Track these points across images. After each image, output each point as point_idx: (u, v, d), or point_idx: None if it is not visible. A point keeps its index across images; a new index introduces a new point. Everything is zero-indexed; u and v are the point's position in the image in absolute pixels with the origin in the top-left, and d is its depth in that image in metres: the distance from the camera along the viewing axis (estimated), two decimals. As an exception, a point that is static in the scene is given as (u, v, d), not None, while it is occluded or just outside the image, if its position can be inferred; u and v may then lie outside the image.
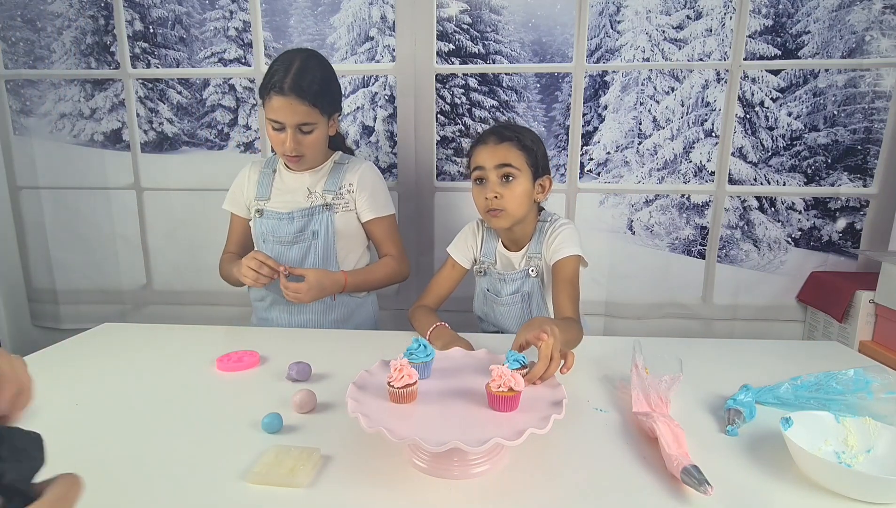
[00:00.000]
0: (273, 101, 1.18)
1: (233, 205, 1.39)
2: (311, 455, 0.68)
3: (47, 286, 1.98)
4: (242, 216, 1.38)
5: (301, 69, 1.19)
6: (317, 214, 1.29)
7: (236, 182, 1.38)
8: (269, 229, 1.31)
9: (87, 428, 0.79)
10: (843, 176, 1.69)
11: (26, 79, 1.83)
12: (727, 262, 1.79)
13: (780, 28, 1.63)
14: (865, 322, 1.54)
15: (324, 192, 1.30)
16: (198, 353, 1.08)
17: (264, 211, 1.31)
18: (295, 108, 1.18)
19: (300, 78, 1.18)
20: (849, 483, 0.61)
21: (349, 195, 1.32)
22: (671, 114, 1.72)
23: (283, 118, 1.19)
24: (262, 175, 1.34)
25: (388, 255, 1.38)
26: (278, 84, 1.17)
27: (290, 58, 1.21)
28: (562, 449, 0.72)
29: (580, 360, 1.04)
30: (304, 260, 1.30)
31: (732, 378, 0.93)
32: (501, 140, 1.14)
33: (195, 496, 0.63)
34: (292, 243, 1.30)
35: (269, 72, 1.21)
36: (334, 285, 1.25)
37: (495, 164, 1.13)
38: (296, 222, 1.29)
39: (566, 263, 1.15)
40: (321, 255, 1.30)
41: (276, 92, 1.18)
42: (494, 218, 1.16)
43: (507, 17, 1.70)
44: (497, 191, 1.13)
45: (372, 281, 1.34)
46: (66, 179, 1.89)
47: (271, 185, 1.33)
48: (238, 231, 1.40)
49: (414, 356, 0.78)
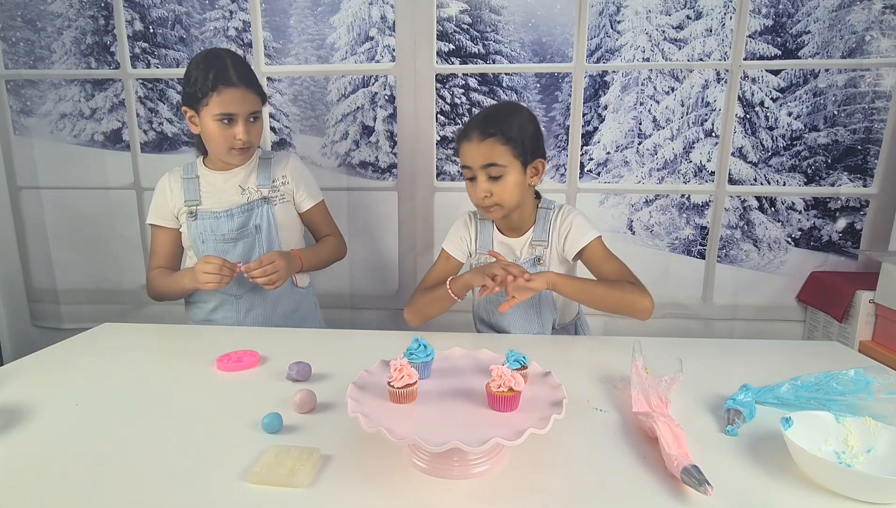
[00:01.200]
0: (224, 94, 1.19)
1: (158, 218, 1.34)
2: (311, 455, 0.68)
3: (48, 286, 1.98)
4: (170, 227, 1.34)
5: (237, 62, 1.23)
6: (256, 208, 1.31)
7: (158, 194, 1.35)
8: (208, 229, 1.30)
9: (87, 428, 0.79)
10: (843, 176, 1.69)
11: (27, 79, 1.83)
12: (727, 262, 1.79)
13: (780, 28, 1.63)
14: (865, 322, 1.54)
15: (259, 186, 1.32)
16: (198, 353, 1.08)
17: (197, 213, 1.30)
18: (246, 97, 1.22)
19: (242, 68, 1.23)
20: (849, 483, 0.61)
21: (284, 187, 1.35)
22: (671, 114, 1.72)
23: (237, 109, 1.21)
24: (185, 182, 1.33)
25: (328, 235, 1.43)
26: (223, 77, 1.19)
27: (217, 55, 1.23)
28: (562, 449, 0.72)
29: (580, 360, 1.04)
30: (249, 255, 1.31)
31: (732, 378, 0.93)
32: (484, 136, 1.08)
33: (195, 496, 0.63)
34: (236, 239, 1.30)
35: (202, 73, 1.20)
36: (294, 262, 1.28)
37: (481, 164, 1.10)
38: (236, 219, 1.30)
39: (592, 248, 1.15)
40: (265, 248, 1.31)
41: (224, 84, 1.19)
42: (489, 212, 1.16)
43: (507, 17, 1.70)
44: (487, 189, 1.11)
45: (322, 258, 1.39)
46: (67, 179, 1.89)
47: (199, 189, 1.32)
48: (165, 244, 1.36)
49: (414, 356, 0.78)
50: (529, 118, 1.14)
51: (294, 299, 1.38)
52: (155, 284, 1.33)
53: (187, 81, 1.23)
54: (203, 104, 1.21)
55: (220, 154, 1.28)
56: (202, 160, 1.35)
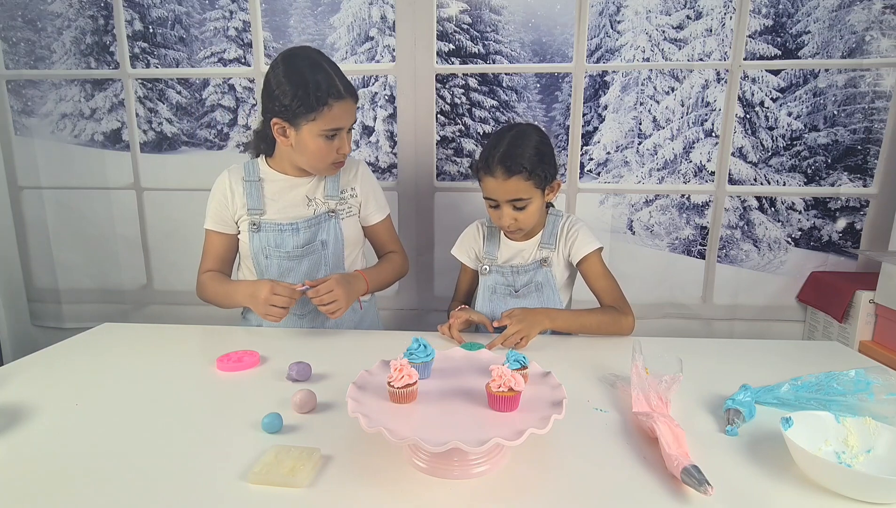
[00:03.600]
0: (334, 108, 1.11)
1: (217, 223, 1.24)
2: (311, 455, 0.68)
3: (49, 286, 1.98)
4: (225, 233, 1.25)
5: (337, 70, 1.15)
6: (323, 222, 1.23)
7: (218, 196, 1.24)
8: (272, 243, 1.22)
9: (87, 428, 0.79)
10: (843, 176, 1.69)
11: (27, 79, 1.83)
12: (727, 262, 1.79)
13: (780, 28, 1.63)
14: (865, 322, 1.54)
15: (326, 198, 1.24)
16: (198, 353, 1.08)
17: (261, 224, 1.21)
18: (352, 108, 1.15)
19: (342, 75, 1.14)
20: (849, 483, 0.61)
21: (353, 200, 1.27)
22: (671, 114, 1.72)
23: (345, 122, 1.15)
24: (248, 185, 1.23)
25: (392, 252, 1.36)
26: (333, 90, 1.10)
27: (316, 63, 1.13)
28: (562, 449, 0.72)
29: (580, 360, 1.04)
30: (314, 273, 1.23)
31: (732, 378, 0.93)
32: (509, 174, 1.12)
33: (195, 496, 0.63)
34: (301, 256, 1.22)
35: (307, 87, 1.10)
36: (359, 285, 1.20)
37: (507, 199, 1.15)
38: (302, 233, 1.22)
39: (593, 260, 1.22)
40: (331, 265, 1.24)
41: (335, 98, 1.11)
42: (513, 234, 1.25)
43: (507, 17, 1.70)
44: (512, 217, 1.17)
45: (385, 279, 1.32)
46: (68, 179, 1.89)
47: (262, 195, 1.23)
48: (220, 249, 1.26)
49: (414, 356, 0.78)
50: (544, 142, 1.19)
51: (357, 316, 1.31)
52: (207, 288, 1.24)
53: (284, 94, 1.10)
54: (308, 119, 1.11)
55: (320, 168, 1.20)
56: (264, 159, 1.26)
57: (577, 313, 1.18)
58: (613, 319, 1.18)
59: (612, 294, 1.23)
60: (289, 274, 1.23)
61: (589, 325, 1.16)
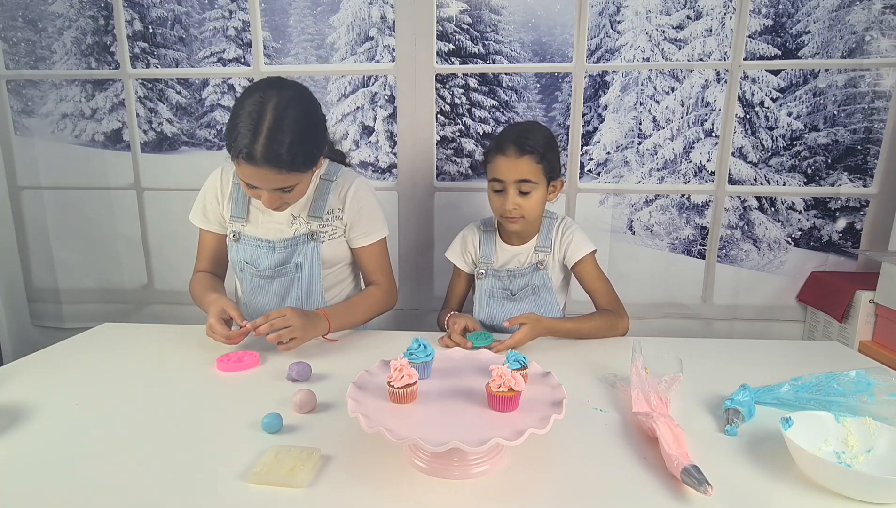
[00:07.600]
0: (242, 167, 0.99)
1: (202, 220, 1.22)
2: (311, 455, 0.68)
3: (48, 286, 1.98)
4: (215, 232, 1.23)
5: (273, 128, 0.97)
6: (300, 244, 1.16)
7: (207, 192, 1.21)
8: (247, 258, 1.19)
9: (87, 428, 0.79)
10: (843, 176, 1.69)
11: (28, 79, 1.83)
12: (727, 262, 1.79)
13: (780, 28, 1.63)
14: (865, 322, 1.54)
15: (309, 218, 1.17)
16: (198, 353, 1.08)
17: (241, 236, 1.18)
18: (269, 177, 1.00)
19: (272, 143, 0.97)
20: (849, 483, 0.61)
21: (337, 222, 1.19)
22: (671, 114, 1.72)
23: (257, 184, 1.02)
24: (236, 187, 1.18)
25: (374, 284, 1.25)
26: (246, 150, 0.96)
27: (260, 108, 0.97)
28: (562, 449, 0.72)
29: (580, 360, 1.04)
30: (285, 295, 1.20)
31: (732, 378, 0.93)
32: (521, 153, 1.15)
33: (195, 496, 0.63)
34: (273, 276, 1.19)
35: (233, 123, 0.98)
36: (318, 324, 1.09)
37: (515, 179, 1.15)
38: (277, 254, 1.17)
39: (587, 262, 1.24)
40: (304, 289, 1.19)
41: (245, 160, 0.97)
42: (512, 223, 1.21)
43: (507, 17, 1.70)
44: (516, 203, 1.17)
45: (356, 318, 1.19)
46: (68, 179, 1.89)
47: (248, 202, 1.18)
48: (211, 247, 1.25)
49: (414, 356, 0.78)
50: (554, 139, 1.22)
51: None
52: (192, 291, 1.22)
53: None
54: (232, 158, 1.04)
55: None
56: None
57: (578, 321, 1.17)
58: (611, 323, 1.19)
59: (606, 296, 1.24)
60: (260, 292, 1.21)
61: (588, 331, 1.17)
